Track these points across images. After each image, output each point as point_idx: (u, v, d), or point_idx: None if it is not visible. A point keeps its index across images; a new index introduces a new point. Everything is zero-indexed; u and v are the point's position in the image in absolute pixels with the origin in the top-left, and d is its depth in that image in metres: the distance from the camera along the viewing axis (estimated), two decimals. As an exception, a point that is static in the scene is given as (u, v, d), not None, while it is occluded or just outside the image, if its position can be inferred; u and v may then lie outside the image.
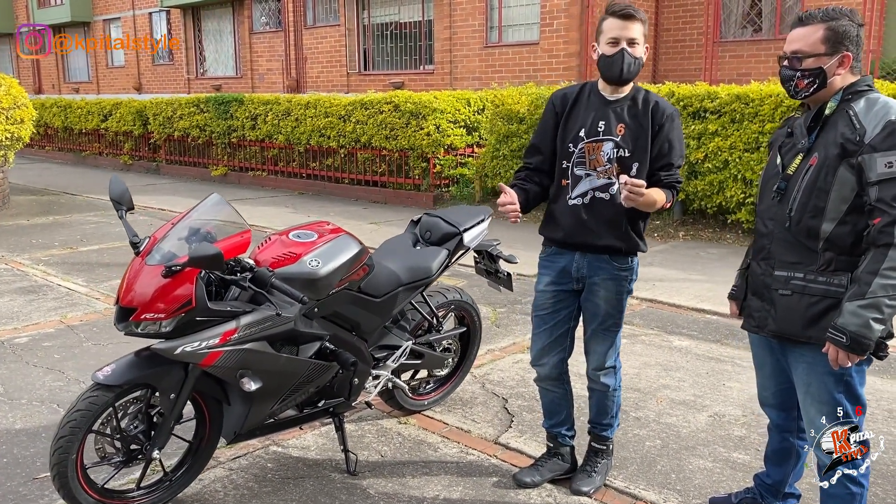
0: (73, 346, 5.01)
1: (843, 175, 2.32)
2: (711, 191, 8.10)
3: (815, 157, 2.39)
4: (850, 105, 2.35)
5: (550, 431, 3.32)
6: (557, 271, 3.08)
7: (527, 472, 3.28)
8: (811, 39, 2.36)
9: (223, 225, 2.94)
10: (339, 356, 3.19)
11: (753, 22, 13.57)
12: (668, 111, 2.93)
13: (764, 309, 2.54)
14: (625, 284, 3.06)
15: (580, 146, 2.95)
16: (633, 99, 2.96)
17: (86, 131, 17.44)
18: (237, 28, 20.62)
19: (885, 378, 4.39)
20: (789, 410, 2.75)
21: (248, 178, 13.54)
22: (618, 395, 3.23)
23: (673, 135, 2.94)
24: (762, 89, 7.79)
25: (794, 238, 2.44)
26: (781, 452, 2.83)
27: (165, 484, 3.06)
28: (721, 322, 5.41)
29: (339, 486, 3.25)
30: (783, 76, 2.46)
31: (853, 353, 2.27)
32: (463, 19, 15.19)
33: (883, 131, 2.25)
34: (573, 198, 2.98)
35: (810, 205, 2.39)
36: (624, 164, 2.91)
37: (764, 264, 2.54)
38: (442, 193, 10.78)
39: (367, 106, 11.24)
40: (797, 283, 2.43)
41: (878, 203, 2.24)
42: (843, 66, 2.37)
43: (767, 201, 2.55)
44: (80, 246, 8.33)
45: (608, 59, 2.86)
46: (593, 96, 2.99)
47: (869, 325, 2.23)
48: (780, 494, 2.90)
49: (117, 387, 2.76)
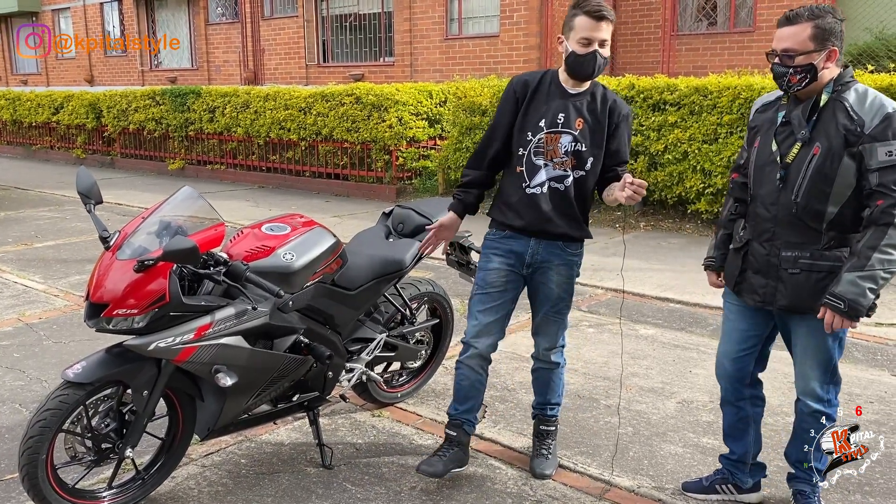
0: (32, 344, 4.88)
1: (847, 163, 2.52)
2: (671, 182, 8.23)
3: (818, 146, 2.56)
4: (842, 96, 2.55)
5: (458, 419, 3.23)
6: (510, 254, 3.11)
7: (428, 462, 3.14)
8: (800, 38, 2.52)
9: (196, 218, 2.89)
10: (314, 350, 3.17)
11: (709, 15, 13.78)
12: (624, 111, 3.06)
13: (770, 286, 2.71)
14: (576, 269, 3.17)
15: (539, 136, 3.00)
16: (593, 94, 3.03)
17: (36, 124, 16.97)
18: (192, 19, 20.22)
19: (845, 363, 4.53)
20: (741, 378, 2.95)
21: (207, 171, 13.33)
22: (564, 372, 3.32)
23: (627, 133, 3.09)
24: (720, 81, 7.93)
25: (800, 221, 2.62)
26: (739, 424, 3.01)
27: (138, 482, 3.01)
28: (685, 311, 5.51)
29: (315, 480, 3.23)
30: (776, 72, 2.61)
31: (848, 319, 2.50)
32: (423, 11, 15.13)
33: (882, 123, 2.47)
34: (532, 186, 3.03)
35: (816, 190, 2.57)
36: (580, 158, 3.00)
37: (769, 245, 2.70)
38: (405, 186, 10.75)
39: (327, 98, 11.14)
40: (805, 262, 2.63)
41: (880, 187, 2.47)
42: (830, 60, 2.54)
43: (768, 187, 2.69)
44: (35, 242, 8.11)
45: (580, 59, 2.91)
46: (554, 87, 3.03)
47: (865, 294, 2.47)
48: (747, 467, 3.05)
49: (88, 384, 2.70)
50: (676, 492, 3.13)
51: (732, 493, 3.06)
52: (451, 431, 3.25)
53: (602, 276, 6.28)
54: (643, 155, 8.44)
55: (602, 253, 7.17)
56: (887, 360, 4.55)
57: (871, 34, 11.72)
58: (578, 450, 3.48)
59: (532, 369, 3.35)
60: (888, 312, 5.29)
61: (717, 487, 3.07)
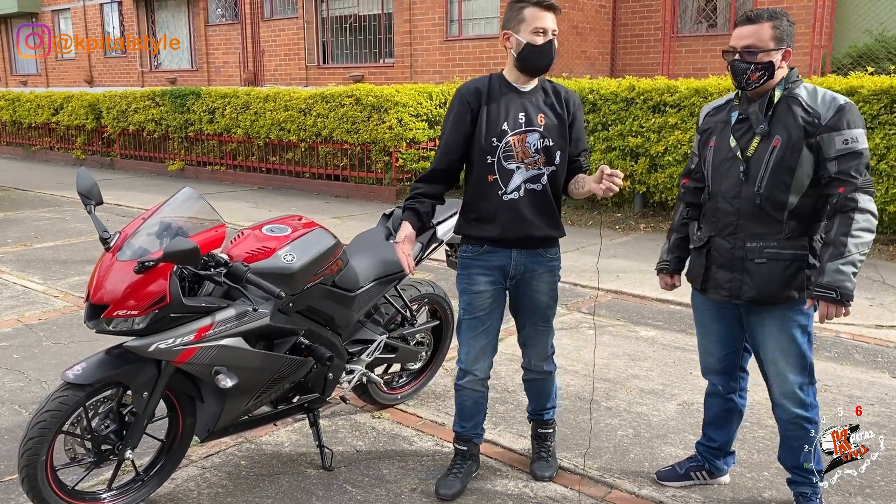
0: (32, 345, 4.87)
1: (805, 154, 2.61)
2: (671, 183, 8.23)
3: (777, 138, 2.64)
4: (794, 92, 2.66)
5: (466, 434, 3.22)
6: (493, 270, 3.02)
7: (446, 484, 3.12)
8: (762, 36, 2.63)
9: (196, 219, 2.89)
10: (315, 351, 3.16)
11: (709, 17, 13.80)
12: (576, 101, 3.07)
13: (736, 279, 2.77)
14: (558, 274, 3.13)
15: (505, 140, 2.92)
16: (544, 89, 3.02)
17: (35, 125, 16.97)
18: (192, 20, 20.22)
19: (845, 364, 4.52)
20: (731, 374, 3.04)
21: (206, 172, 13.32)
22: (556, 377, 3.31)
23: (581, 122, 3.09)
24: (720, 83, 7.93)
25: (763, 212, 2.69)
26: (725, 414, 3.10)
27: (138, 484, 3.00)
28: (685, 312, 5.50)
29: (316, 481, 3.23)
30: (737, 69, 2.68)
31: (842, 306, 2.56)
32: (423, 12, 15.13)
33: (836, 114, 2.58)
34: (508, 193, 2.94)
35: (779, 181, 2.65)
36: (549, 154, 2.97)
37: (732, 239, 2.76)
38: (405, 187, 10.75)
39: (327, 99, 11.14)
40: (770, 251, 2.70)
41: (839, 174, 2.57)
42: (784, 60, 2.67)
43: (729, 182, 2.75)
44: (35, 243, 8.10)
45: (537, 50, 2.85)
46: (505, 88, 2.96)
47: (850, 279, 2.54)
48: (723, 454, 3.17)
49: (88, 386, 2.69)
50: (678, 495, 3.12)
51: (706, 479, 3.17)
52: (462, 446, 3.23)
53: (602, 278, 6.28)
54: (643, 156, 8.44)
55: (603, 255, 7.16)
56: (887, 363, 4.55)
57: (871, 36, 11.73)
58: (579, 451, 3.48)
59: (524, 378, 3.29)
60: (888, 314, 5.29)
61: (691, 475, 3.18)
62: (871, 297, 5.72)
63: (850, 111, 2.58)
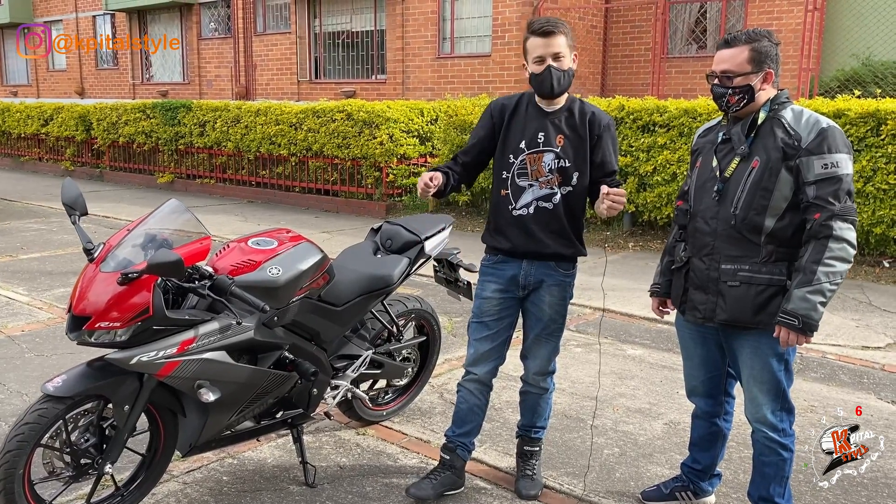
0: (13, 357, 4.82)
1: (784, 176, 2.58)
2: (660, 202, 8.26)
3: (757, 160, 2.63)
4: (779, 114, 2.63)
5: (454, 442, 3.23)
6: (505, 279, 3.11)
7: (418, 486, 3.16)
8: (738, 60, 2.61)
9: (182, 231, 2.86)
10: (299, 366, 3.14)
11: (698, 39, 13.93)
12: (604, 121, 3.04)
13: (710, 301, 2.74)
14: (569, 290, 3.14)
15: (521, 157, 3.01)
16: (570, 110, 3.04)
17: (25, 136, 16.89)
18: (185, 33, 20.25)
19: (831, 385, 4.53)
20: (716, 397, 3.01)
21: (196, 185, 13.29)
22: (552, 397, 3.31)
23: (612, 143, 3.06)
24: (709, 104, 7.98)
25: (739, 234, 2.66)
26: (710, 437, 3.07)
27: (117, 499, 2.95)
28: (672, 331, 5.46)
29: (298, 498, 3.19)
30: (716, 93, 2.69)
31: (802, 335, 2.53)
32: (415, 30, 15.21)
33: (817, 137, 2.53)
34: (518, 208, 3.03)
35: (755, 203, 2.62)
36: (565, 174, 3.00)
37: (708, 260, 2.74)
38: (395, 203, 10.75)
39: (319, 114, 11.15)
40: (744, 275, 2.66)
41: (817, 200, 2.52)
42: (766, 82, 2.64)
43: (707, 201, 2.75)
44: (21, 254, 8.04)
45: (538, 78, 2.94)
46: (531, 108, 3.06)
47: (816, 308, 2.50)
48: (707, 476, 3.13)
49: (68, 398, 2.66)
50: (663, 514, 3.11)
51: (691, 500, 3.15)
52: (445, 455, 3.24)
53: (590, 296, 6.28)
54: (633, 176, 8.47)
55: (590, 272, 7.15)
56: (873, 384, 4.55)
57: (857, 60, 11.87)
58: (565, 470, 3.46)
59: (520, 391, 3.33)
60: (874, 336, 5.30)
61: (676, 494, 3.15)
62: (857, 318, 5.74)
63: (832, 135, 2.53)
